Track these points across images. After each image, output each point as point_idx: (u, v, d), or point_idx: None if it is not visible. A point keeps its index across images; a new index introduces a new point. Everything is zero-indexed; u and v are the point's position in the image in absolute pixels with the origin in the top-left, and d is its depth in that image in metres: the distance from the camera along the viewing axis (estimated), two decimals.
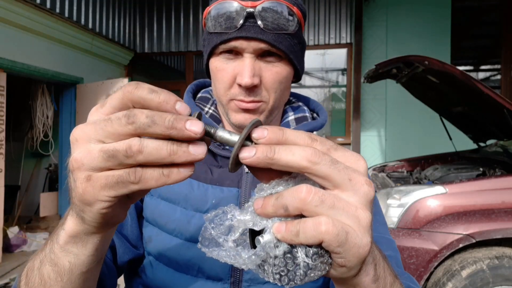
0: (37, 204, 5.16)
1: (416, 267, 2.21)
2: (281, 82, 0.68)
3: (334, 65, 5.78)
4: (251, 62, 0.65)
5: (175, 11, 6.03)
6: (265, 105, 0.69)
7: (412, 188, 2.40)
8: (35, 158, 5.55)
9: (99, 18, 5.21)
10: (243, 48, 0.64)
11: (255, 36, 0.63)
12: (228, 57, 0.67)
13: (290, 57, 0.68)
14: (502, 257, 2.15)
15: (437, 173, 3.04)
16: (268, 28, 0.63)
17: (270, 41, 0.63)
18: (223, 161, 0.71)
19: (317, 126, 0.76)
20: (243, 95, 0.66)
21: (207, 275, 0.65)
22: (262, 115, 0.69)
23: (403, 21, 5.36)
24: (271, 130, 0.34)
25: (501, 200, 2.25)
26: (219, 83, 0.69)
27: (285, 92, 0.72)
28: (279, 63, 0.68)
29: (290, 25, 0.65)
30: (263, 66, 0.67)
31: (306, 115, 0.79)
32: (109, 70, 5.59)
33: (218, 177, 0.70)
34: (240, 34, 0.63)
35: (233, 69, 0.66)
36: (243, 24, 0.63)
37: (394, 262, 0.67)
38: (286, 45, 0.66)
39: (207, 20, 0.67)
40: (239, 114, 0.68)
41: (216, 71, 0.69)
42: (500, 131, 3.14)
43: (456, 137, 3.71)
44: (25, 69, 4.04)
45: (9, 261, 3.97)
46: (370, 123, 5.45)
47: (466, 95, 2.87)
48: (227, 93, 0.68)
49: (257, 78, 0.65)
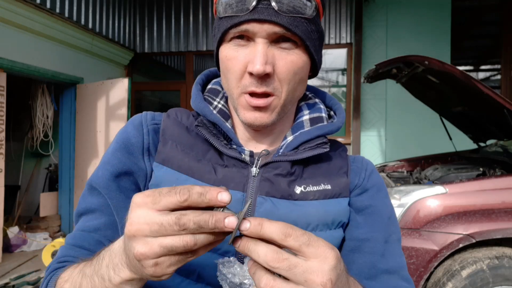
0: (37, 204, 5.16)
1: (416, 267, 2.21)
2: (295, 73, 0.62)
3: (334, 65, 5.78)
4: (264, 47, 0.59)
5: (175, 11, 6.03)
6: (277, 100, 0.63)
7: (412, 188, 2.40)
8: (35, 158, 5.55)
9: (99, 18, 5.21)
10: (255, 32, 0.59)
11: (269, 19, 0.57)
12: (239, 43, 0.61)
13: (307, 44, 0.62)
14: (502, 257, 2.15)
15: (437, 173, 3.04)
16: (283, 10, 0.58)
17: (285, 24, 0.58)
18: (228, 160, 0.66)
19: (333, 130, 0.70)
20: (255, 84, 0.61)
21: (207, 281, 0.63)
22: (274, 112, 0.64)
23: (403, 21, 5.36)
24: (252, 224, 0.41)
25: (501, 200, 2.25)
26: (229, 74, 0.63)
27: (300, 85, 0.66)
28: (295, 51, 0.62)
29: (307, 9, 0.59)
30: (277, 54, 0.61)
31: (322, 116, 0.73)
32: (109, 70, 5.59)
33: (222, 178, 0.65)
34: (252, 16, 0.58)
35: (244, 56, 0.61)
36: (256, 6, 0.58)
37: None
38: (303, 30, 0.60)
39: (218, 5, 0.62)
40: (248, 112, 0.63)
41: (226, 60, 0.63)
42: (500, 131, 3.14)
43: (456, 137, 3.71)
44: (25, 69, 4.04)
45: (9, 261, 3.97)
46: (370, 123, 5.45)
47: (466, 95, 2.87)
48: (238, 85, 0.63)
49: (270, 66, 0.59)
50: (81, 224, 0.67)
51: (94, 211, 0.67)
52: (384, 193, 0.73)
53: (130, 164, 0.68)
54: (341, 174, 0.70)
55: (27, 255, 4.21)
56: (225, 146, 0.66)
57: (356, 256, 0.68)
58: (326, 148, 0.67)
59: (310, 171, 0.69)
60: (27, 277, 3.49)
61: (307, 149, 0.67)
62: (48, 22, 4.24)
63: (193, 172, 0.65)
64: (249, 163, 0.67)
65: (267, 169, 0.66)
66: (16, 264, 3.87)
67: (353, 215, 0.70)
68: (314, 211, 0.65)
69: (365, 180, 0.72)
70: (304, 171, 0.68)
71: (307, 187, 0.66)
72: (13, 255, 4.18)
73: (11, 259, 4.04)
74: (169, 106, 6.89)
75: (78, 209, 0.69)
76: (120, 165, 0.68)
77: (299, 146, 0.68)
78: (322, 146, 0.68)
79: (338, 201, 0.67)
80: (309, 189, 0.66)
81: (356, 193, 0.71)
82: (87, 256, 0.60)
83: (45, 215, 4.86)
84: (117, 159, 0.68)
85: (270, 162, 0.66)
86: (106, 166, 0.68)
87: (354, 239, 0.69)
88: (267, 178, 0.65)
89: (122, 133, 0.72)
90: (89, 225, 0.66)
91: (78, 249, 0.64)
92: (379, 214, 0.70)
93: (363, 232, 0.69)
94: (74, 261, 0.61)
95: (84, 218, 0.68)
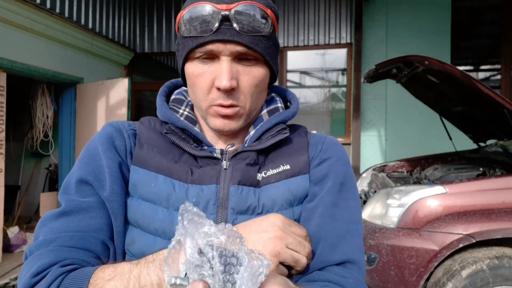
0: (37, 204, 5.16)
1: (416, 267, 2.21)
2: (257, 86, 0.69)
3: (334, 65, 5.78)
4: (228, 65, 0.65)
5: (175, 11, 6.03)
6: (242, 110, 0.69)
7: (412, 188, 2.40)
8: (35, 158, 5.55)
9: (99, 18, 5.20)
10: (219, 51, 0.64)
11: (232, 39, 0.63)
12: (204, 62, 0.67)
13: (267, 59, 0.68)
14: (502, 257, 2.15)
15: (437, 173, 3.04)
16: (244, 30, 0.63)
17: (247, 43, 0.64)
18: (202, 161, 0.71)
19: (289, 116, 0.76)
20: (222, 98, 0.66)
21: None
22: (241, 119, 0.70)
23: (403, 21, 5.36)
24: None
25: (501, 200, 2.25)
26: (197, 89, 0.69)
27: (261, 95, 0.73)
28: (256, 66, 0.68)
29: (265, 27, 0.65)
30: (241, 69, 0.67)
31: (278, 106, 0.79)
32: (109, 70, 5.59)
33: (198, 177, 0.69)
34: (216, 37, 0.63)
35: (210, 73, 0.66)
36: (219, 27, 0.63)
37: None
38: (262, 47, 0.66)
39: (181, 25, 0.67)
40: (218, 120, 0.69)
41: (193, 76, 0.68)
42: (500, 131, 3.14)
43: (456, 137, 3.71)
44: (25, 69, 4.04)
45: (9, 261, 3.97)
46: (370, 123, 5.45)
47: (466, 95, 2.87)
48: (206, 99, 0.68)
49: (235, 81, 0.65)
50: (73, 225, 0.65)
51: (88, 210, 0.66)
52: (343, 162, 0.74)
53: (122, 164, 0.71)
54: (302, 152, 0.74)
55: None
56: (196, 149, 0.71)
57: (307, 225, 0.69)
58: (286, 134, 0.73)
59: (272, 157, 0.74)
60: None
61: (269, 138, 0.72)
62: (48, 22, 4.24)
63: (172, 172, 0.69)
64: (221, 159, 0.72)
65: (236, 161, 0.71)
66: (16, 264, 3.87)
67: (311, 187, 0.72)
68: (277, 192, 0.70)
69: (322, 151, 0.75)
70: (266, 159, 0.73)
71: (268, 172, 0.71)
72: (13, 255, 4.18)
73: (11, 259, 4.04)
74: None
75: (60, 210, 0.67)
76: (115, 165, 0.69)
77: (261, 136, 0.73)
78: (282, 132, 0.73)
79: (299, 178, 0.72)
80: (269, 173, 0.71)
81: (314, 164, 0.74)
82: (94, 260, 0.61)
83: None
84: (110, 159, 0.69)
85: (237, 153, 0.72)
86: (102, 169, 0.68)
87: (306, 209, 0.71)
88: (238, 169, 0.70)
89: (102, 134, 0.72)
90: (86, 224, 0.65)
91: (83, 252, 0.63)
92: (332, 180, 0.71)
93: (315, 201, 0.70)
94: (83, 265, 0.60)
95: (72, 218, 0.65)
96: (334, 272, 0.64)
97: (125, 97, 4.55)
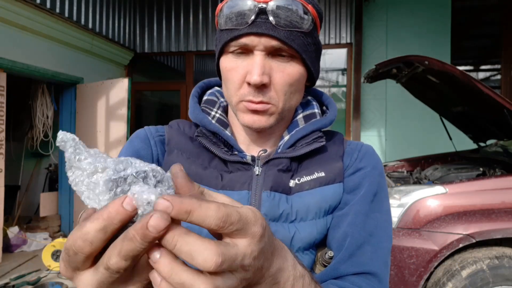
0: (37, 204, 5.16)
1: (416, 267, 2.21)
2: (291, 85, 0.65)
3: (334, 65, 5.78)
4: (261, 59, 0.62)
5: (175, 11, 6.03)
6: (274, 108, 0.66)
7: (412, 188, 2.40)
8: (35, 158, 5.55)
9: (99, 18, 5.21)
10: (253, 45, 0.62)
11: (266, 32, 0.60)
12: (238, 56, 0.65)
13: (303, 57, 0.65)
14: (502, 257, 2.15)
15: (437, 173, 3.04)
16: (280, 24, 0.61)
17: (282, 38, 0.61)
18: (233, 166, 0.69)
19: (326, 123, 0.73)
20: (252, 94, 0.63)
21: None
22: (271, 117, 0.67)
23: (403, 21, 5.36)
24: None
25: (501, 200, 2.25)
26: (229, 83, 0.67)
27: (295, 95, 0.68)
28: (291, 63, 0.65)
29: (303, 23, 0.62)
30: (274, 66, 0.64)
31: (315, 112, 0.76)
32: (109, 70, 5.59)
33: (228, 182, 0.67)
34: (250, 30, 0.61)
35: (243, 67, 0.64)
36: (254, 20, 0.61)
37: None
38: (299, 44, 0.63)
39: (219, 18, 0.66)
40: (247, 115, 0.66)
41: (226, 70, 0.66)
42: (500, 131, 3.14)
43: (456, 137, 3.71)
44: (25, 69, 4.04)
45: (9, 261, 3.97)
46: (370, 123, 5.45)
47: (466, 95, 2.87)
48: (237, 94, 0.66)
49: (267, 77, 0.62)
50: None
51: None
52: (378, 172, 0.72)
53: None
54: (337, 160, 0.72)
55: (27, 255, 4.21)
56: (226, 153, 0.69)
57: (335, 232, 0.67)
58: (322, 142, 0.70)
59: (306, 163, 0.71)
60: (27, 277, 3.49)
61: (304, 145, 0.70)
62: (48, 22, 4.24)
63: (201, 178, 0.68)
64: (252, 164, 0.70)
65: (269, 167, 0.69)
66: (16, 264, 3.87)
67: (344, 196, 0.70)
68: (311, 200, 0.67)
69: (357, 160, 0.73)
70: (300, 165, 0.71)
71: (301, 179, 0.69)
72: (13, 255, 4.19)
73: (11, 259, 4.04)
74: (169, 106, 6.90)
75: None
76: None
77: (295, 143, 0.71)
78: (318, 140, 0.71)
79: (333, 186, 0.70)
80: (303, 180, 0.69)
81: (349, 173, 0.72)
82: None
83: (45, 215, 4.86)
84: None
85: (271, 159, 0.69)
86: None
87: (336, 216, 0.69)
88: (270, 175, 0.68)
89: (128, 148, 0.72)
90: None
91: None
92: (366, 189, 0.69)
93: (345, 208, 0.68)
94: None
95: None
96: (349, 280, 0.61)
97: (125, 97, 4.55)
